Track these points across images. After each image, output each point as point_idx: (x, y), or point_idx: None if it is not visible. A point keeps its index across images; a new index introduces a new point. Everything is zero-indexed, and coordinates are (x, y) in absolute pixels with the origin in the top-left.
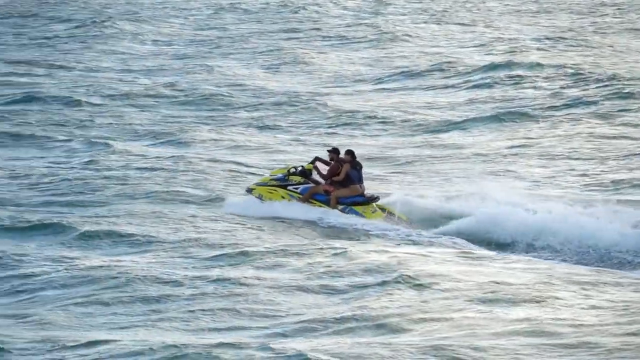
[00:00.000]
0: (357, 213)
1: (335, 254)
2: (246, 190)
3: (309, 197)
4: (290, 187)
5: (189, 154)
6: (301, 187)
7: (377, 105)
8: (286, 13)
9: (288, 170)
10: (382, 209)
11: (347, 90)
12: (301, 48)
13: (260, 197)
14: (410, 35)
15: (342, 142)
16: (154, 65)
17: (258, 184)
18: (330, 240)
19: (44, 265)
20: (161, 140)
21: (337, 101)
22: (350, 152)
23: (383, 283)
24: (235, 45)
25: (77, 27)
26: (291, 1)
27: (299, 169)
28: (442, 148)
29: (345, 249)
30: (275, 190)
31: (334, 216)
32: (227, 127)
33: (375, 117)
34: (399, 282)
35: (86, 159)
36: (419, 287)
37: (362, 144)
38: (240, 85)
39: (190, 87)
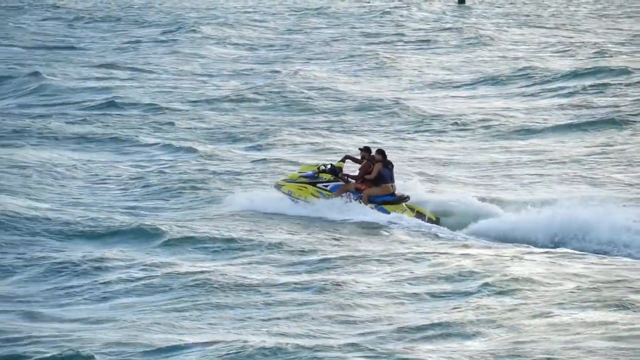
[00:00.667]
0: (386, 212)
1: (417, 259)
2: (274, 187)
3: (339, 196)
4: (319, 185)
5: (271, 157)
6: (331, 184)
7: (457, 110)
8: (370, 18)
9: (318, 168)
10: (412, 209)
11: (428, 94)
12: (384, 52)
13: (290, 194)
14: (492, 40)
15: (419, 145)
16: (237, 69)
17: (286, 181)
18: (407, 245)
19: (127, 269)
20: (244, 144)
21: (418, 105)
22: (381, 152)
23: (470, 288)
24: (319, 49)
25: (162, 32)
26: (375, 6)
27: (328, 166)
28: (523, 153)
29: (425, 253)
30: (305, 187)
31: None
32: (308, 130)
33: (455, 121)
34: (486, 287)
35: (168, 163)
36: (507, 291)
37: (440, 148)
38: (322, 89)
39: (273, 90)
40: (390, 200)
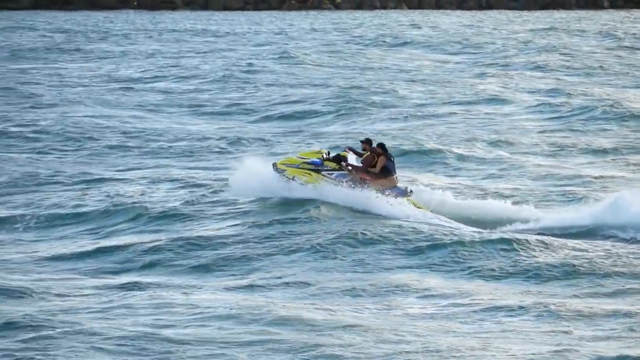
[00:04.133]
0: None
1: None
2: (274, 169)
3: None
4: (324, 172)
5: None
6: (335, 173)
7: None
8: None
9: (322, 155)
10: (414, 205)
11: None
12: None
13: (293, 179)
14: None
15: None
16: None
17: (287, 165)
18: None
19: None
20: None
21: None
22: (381, 145)
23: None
24: None
25: None
26: None
27: (332, 154)
28: None
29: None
30: (309, 173)
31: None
32: None
33: None
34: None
35: None
36: None
37: None
38: None
39: None
40: (397, 193)
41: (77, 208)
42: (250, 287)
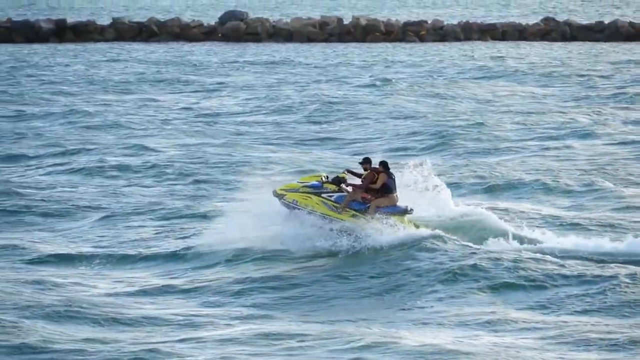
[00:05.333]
0: None
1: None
2: (274, 195)
3: (346, 206)
4: (324, 195)
5: None
6: (335, 195)
7: None
8: None
9: (321, 178)
10: (415, 225)
11: None
12: None
13: (295, 203)
14: None
15: None
16: None
17: (287, 190)
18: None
19: None
20: None
21: None
22: (383, 163)
23: None
24: None
25: None
26: None
27: (331, 177)
28: None
29: None
30: (309, 197)
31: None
32: None
33: None
34: None
35: None
36: None
37: None
38: None
39: None
40: (397, 211)
41: (184, 241)
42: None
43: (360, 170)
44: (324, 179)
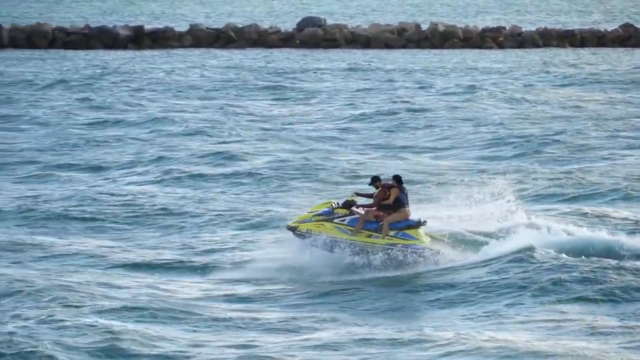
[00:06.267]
0: (410, 237)
1: None
2: (288, 228)
3: (361, 227)
4: (336, 220)
5: None
6: (348, 218)
7: None
8: None
9: (332, 204)
10: (431, 237)
11: None
12: None
13: (309, 233)
14: None
15: None
16: None
17: (300, 222)
18: None
19: None
20: None
21: None
22: (397, 177)
23: None
24: None
25: None
26: None
27: (341, 202)
28: None
29: None
30: (322, 224)
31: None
32: None
33: None
34: None
35: None
36: None
37: None
38: None
39: None
40: (412, 225)
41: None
42: None
43: (369, 190)
44: (334, 205)
